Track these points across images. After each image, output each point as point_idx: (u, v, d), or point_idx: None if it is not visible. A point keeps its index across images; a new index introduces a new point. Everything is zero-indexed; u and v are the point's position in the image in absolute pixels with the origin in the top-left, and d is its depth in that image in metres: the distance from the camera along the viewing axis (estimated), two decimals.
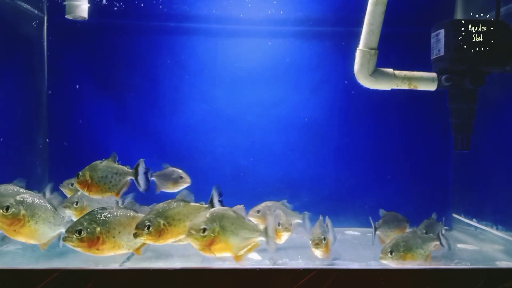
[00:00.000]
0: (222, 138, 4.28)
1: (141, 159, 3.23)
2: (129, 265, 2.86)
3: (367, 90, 3.24)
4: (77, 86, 4.21)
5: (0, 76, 3.64)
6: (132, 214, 2.76)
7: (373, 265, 2.76)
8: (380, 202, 4.15)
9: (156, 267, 2.51)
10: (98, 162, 3.12)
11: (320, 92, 4.28)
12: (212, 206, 2.85)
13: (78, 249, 2.56)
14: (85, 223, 2.55)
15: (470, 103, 3.22)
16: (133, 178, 3.17)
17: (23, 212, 2.71)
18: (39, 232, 2.79)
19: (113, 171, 3.11)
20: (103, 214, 2.63)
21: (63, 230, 2.81)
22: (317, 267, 2.55)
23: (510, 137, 3.58)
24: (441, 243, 3.14)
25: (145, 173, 3.21)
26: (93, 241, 2.54)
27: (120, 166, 3.16)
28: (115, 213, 2.68)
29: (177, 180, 3.68)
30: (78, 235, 2.52)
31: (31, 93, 4.13)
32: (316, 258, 2.91)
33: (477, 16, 3.73)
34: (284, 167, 4.28)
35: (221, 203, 2.90)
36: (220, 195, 2.92)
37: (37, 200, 2.80)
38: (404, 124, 4.29)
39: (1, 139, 3.56)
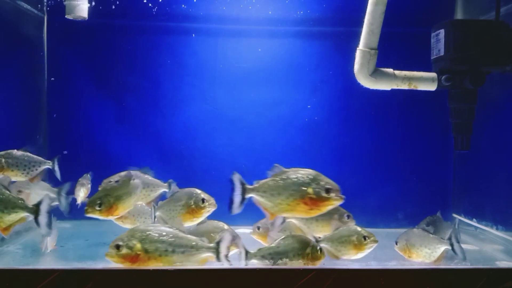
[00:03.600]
0: (222, 138, 4.27)
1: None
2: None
3: (367, 90, 3.24)
4: (77, 86, 4.21)
5: (0, 76, 3.64)
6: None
7: (373, 265, 2.77)
8: (380, 202, 4.16)
9: (156, 267, 2.50)
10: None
11: (320, 92, 4.28)
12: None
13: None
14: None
15: (470, 103, 3.21)
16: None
17: None
18: None
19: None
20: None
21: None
22: (317, 267, 2.55)
23: (510, 137, 3.58)
24: (453, 250, 2.97)
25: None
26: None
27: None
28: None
29: None
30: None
31: (31, 93, 4.13)
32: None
33: (477, 16, 3.73)
34: (284, 167, 4.27)
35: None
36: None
37: None
38: (404, 124, 4.29)
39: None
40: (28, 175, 3.17)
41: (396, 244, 3.08)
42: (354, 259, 2.89)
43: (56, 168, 3.34)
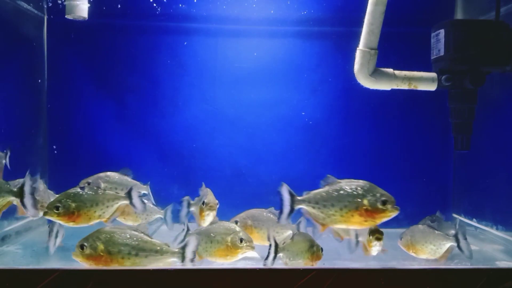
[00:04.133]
0: (222, 138, 4.28)
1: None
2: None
3: (367, 90, 3.24)
4: (77, 86, 4.21)
5: (0, 76, 3.64)
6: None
7: (373, 265, 2.76)
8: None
9: (156, 267, 2.50)
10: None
11: (320, 92, 4.28)
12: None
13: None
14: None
15: (470, 103, 3.22)
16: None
17: None
18: None
19: None
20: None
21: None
22: (317, 267, 2.55)
23: (510, 137, 3.58)
24: (459, 247, 2.99)
25: None
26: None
27: None
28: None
29: None
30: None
31: (31, 93, 4.13)
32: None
33: (477, 16, 3.73)
34: (284, 167, 4.28)
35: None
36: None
37: None
38: (404, 124, 4.29)
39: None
40: None
41: (400, 239, 3.09)
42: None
43: (7, 160, 3.35)
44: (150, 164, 4.24)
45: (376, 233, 2.83)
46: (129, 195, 2.90)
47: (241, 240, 2.81)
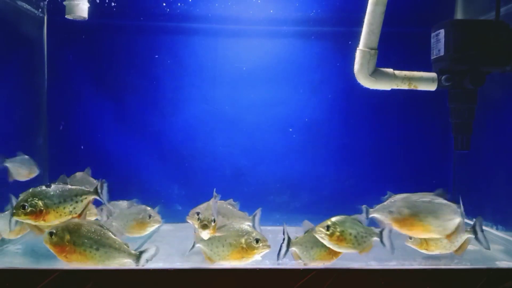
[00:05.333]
0: (222, 138, 4.28)
1: None
2: (129, 265, 2.87)
3: (367, 90, 3.24)
4: (77, 86, 4.21)
5: (0, 76, 3.64)
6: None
7: (373, 265, 2.76)
8: (380, 202, 4.15)
9: (156, 267, 2.51)
10: None
11: (320, 92, 4.28)
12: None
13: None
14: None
15: (470, 103, 3.21)
16: None
17: None
18: None
19: None
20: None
21: None
22: (317, 267, 2.55)
23: (510, 137, 3.58)
24: (477, 239, 3.02)
25: None
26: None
27: None
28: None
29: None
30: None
31: (31, 93, 4.13)
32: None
33: (477, 16, 3.72)
34: (284, 167, 4.28)
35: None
36: None
37: None
38: (404, 124, 4.29)
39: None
40: None
41: (410, 239, 3.09)
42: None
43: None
44: (150, 164, 4.25)
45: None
46: (95, 190, 2.92)
47: (257, 241, 2.79)
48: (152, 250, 2.66)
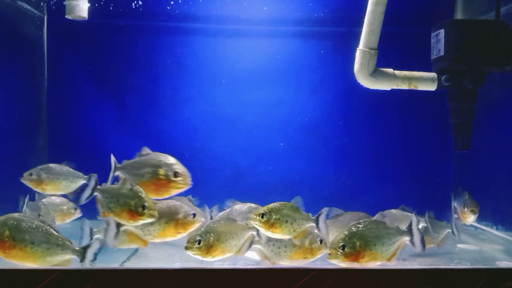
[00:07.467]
0: (222, 138, 4.28)
1: None
2: (129, 265, 2.86)
3: (367, 90, 3.24)
4: (77, 86, 4.21)
5: (0, 76, 3.64)
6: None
7: (373, 265, 2.76)
8: (380, 202, 4.15)
9: (156, 267, 2.50)
10: None
11: (320, 92, 4.28)
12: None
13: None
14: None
15: (470, 103, 3.21)
16: None
17: None
18: None
19: None
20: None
21: None
22: (317, 267, 2.55)
23: (510, 137, 3.58)
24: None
25: None
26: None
27: None
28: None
29: None
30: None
31: (31, 93, 4.13)
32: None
33: (477, 16, 3.72)
34: (284, 167, 4.28)
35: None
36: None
37: None
38: (404, 124, 4.29)
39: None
40: None
41: None
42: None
43: None
44: None
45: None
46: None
47: (320, 241, 2.81)
48: (96, 244, 2.60)
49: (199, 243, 2.59)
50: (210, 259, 2.63)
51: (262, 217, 2.70)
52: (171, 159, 3.11)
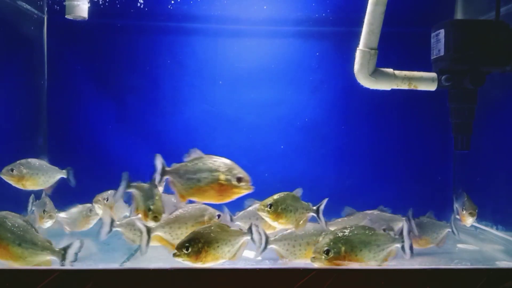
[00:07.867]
0: (222, 138, 4.27)
1: None
2: (129, 265, 2.87)
3: (367, 90, 3.24)
4: (77, 86, 4.21)
5: (0, 76, 3.64)
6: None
7: (373, 265, 2.76)
8: (380, 202, 4.16)
9: (156, 267, 2.50)
10: None
11: (320, 92, 4.28)
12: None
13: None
14: None
15: (470, 103, 3.21)
16: None
17: None
18: None
19: None
20: None
21: None
22: (317, 267, 2.55)
23: (510, 137, 3.57)
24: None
25: None
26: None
27: None
28: None
29: None
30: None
31: (31, 93, 4.13)
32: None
33: (477, 16, 3.72)
34: (284, 167, 4.28)
35: None
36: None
37: None
38: (404, 124, 4.29)
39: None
40: None
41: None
42: None
43: None
44: (150, 164, 4.24)
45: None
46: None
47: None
48: (77, 244, 2.59)
49: (187, 250, 2.54)
50: (201, 265, 2.58)
51: (270, 207, 2.80)
52: (229, 163, 3.09)
